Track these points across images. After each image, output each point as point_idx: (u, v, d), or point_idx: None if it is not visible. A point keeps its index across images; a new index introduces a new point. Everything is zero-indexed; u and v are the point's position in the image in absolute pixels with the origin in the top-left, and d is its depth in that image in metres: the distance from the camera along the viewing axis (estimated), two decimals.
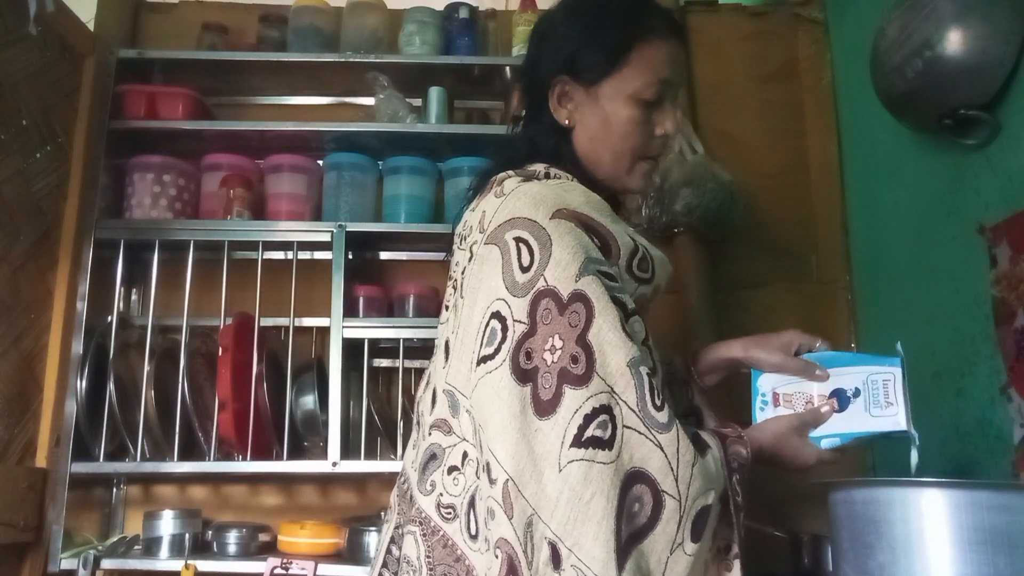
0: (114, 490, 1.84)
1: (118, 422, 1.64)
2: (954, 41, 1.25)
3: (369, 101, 1.93)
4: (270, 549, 1.69)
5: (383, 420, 1.75)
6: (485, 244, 0.97)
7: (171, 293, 1.80)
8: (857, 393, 1.06)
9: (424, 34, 1.91)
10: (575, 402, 0.84)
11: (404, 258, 1.97)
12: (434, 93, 1.91)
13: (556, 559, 0.81)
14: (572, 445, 0.83)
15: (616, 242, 0.97)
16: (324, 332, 1.81)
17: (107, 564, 1.61)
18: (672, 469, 0.84)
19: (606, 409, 0.84)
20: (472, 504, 0.94)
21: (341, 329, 1.71)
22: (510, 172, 1.05)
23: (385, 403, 1.87)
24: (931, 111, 1.36)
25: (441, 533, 0.97)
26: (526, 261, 0.92)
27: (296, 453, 1.75)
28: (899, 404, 1.03)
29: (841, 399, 1.06)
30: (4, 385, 1.52)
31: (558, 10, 1.11)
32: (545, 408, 0.85)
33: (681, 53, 1.10)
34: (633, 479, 0.83)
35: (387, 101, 1.87)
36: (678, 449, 0.85)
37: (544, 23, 1.12)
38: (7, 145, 1.54)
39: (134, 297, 1.91)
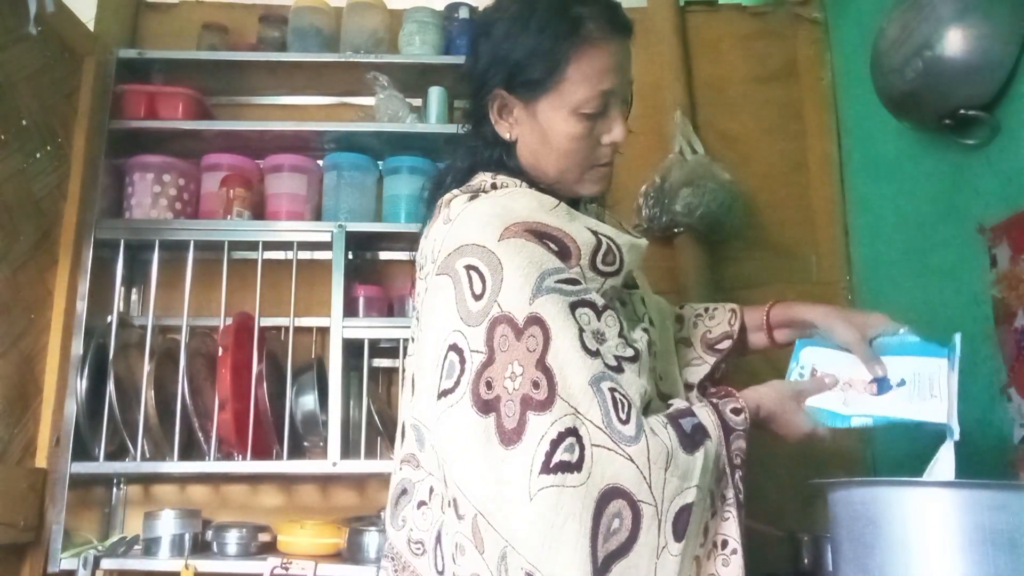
0: (114, 490, 1.84)
1: (118, 422, 1.64)
2: (954, 41, 1.25)
3: (369, 101, 1.93)
4: (270, 549, 1.69)
5: (383, 420, 1.75)
6: (436, 275, 0.95)
7: (171, 293, 1.80)
8: (902, 383, 1.05)
9: (424, 34, 1.91)
10: (540, 428, 0.84)
11: (404, 258, 1.97)
12: (434, 93, 1.91)
13: None
14: (541, 472, 0.82)
15: (575, 243, 0.95)
16: (324, 332, 1.81)
17: (107, 564, 1.61)
18: (645, 478, 0.84)
19: (572, 431, 0.84)
20: (439, 539, 0.93)
21: (341, 329, 1.72)
22: (456, 192, 1.02)
23: (385, 403, 1.87)
24: (931, 111, 1.36)
25: (411, 568, 0.97)
26: (478, 289, 0.90)
27: (296, 453, 1.75)
28: (943, 398, 1.02)
29: (881, 386, 1.06)
30: (4, 385, 1.52)
31: (489, 17, 1.04)
32: (510, 437, 0.84)
33: (626, 50, 1.01)
34: (609, 496, 0.83)
35: (387, 101, 1.87)
36: (649, 457, 0.85)
37: (477, 31, 1.06)
38: (7, 145, 1.54)
39: (134, 297, 1.91)
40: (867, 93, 1.57)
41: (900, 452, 1.61)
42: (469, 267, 0.92)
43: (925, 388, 1.03)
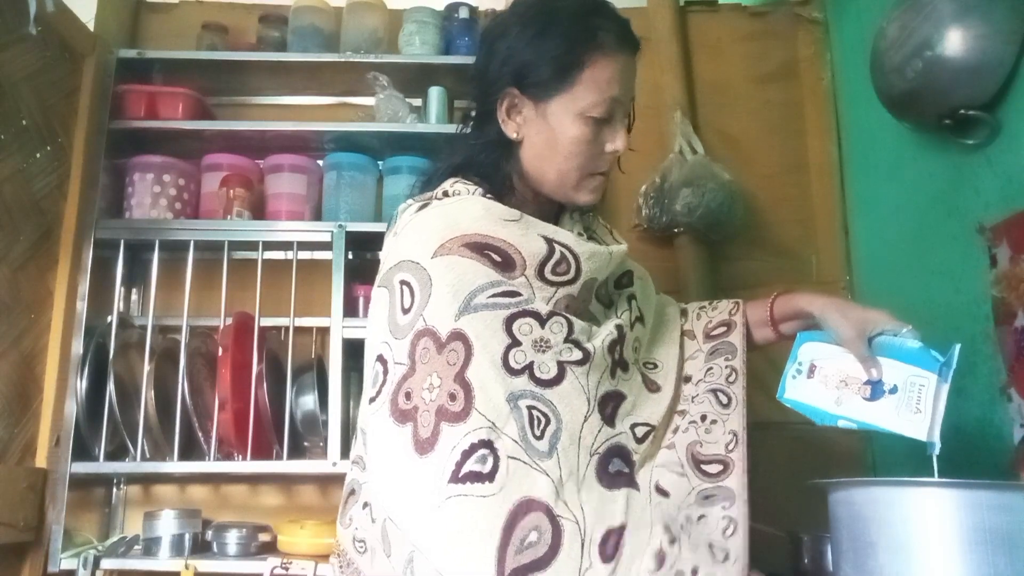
0: (114, 490, 1.84)
1: (118, 422, 1.64)
2: (954, 41, 1.26)
3: (369, 101, 1.93)
4: (270, 549, 1.69)
5: None
6: (378, 287, 0.99)
7: (171, 293, 1.81)
8: (894, 390, 1.05)
9: (424, 34, 1.91)
10: (452, 439, 0.85)
11: None
12: (434, 93, 1.91)
13: None
14: (450, 481, 0.83)
15: (520, 253, 0.95)
16: (324, 332, 1.81)
17: (107, 564, 1.61)
18: (559, 492, 0.85)
19: (486, 443, 0.84)
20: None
21: (341, 329, 1.72)
22: (410, 200, 1.06)
23: None
24: (931, 111, 1.36)
25: (355, 566, 0.99)
26: (407, 303, 0.93)
27: (296, 453, 1.75)
28: (927, 413, 1.02)
29: (875, 390, 1.06)
30: (4, 385, 1.52)
31: (507, 19, 1.06)
32: (424, 447, 0.86)
33: (633, 66, 1.06)
34: (524, 508, 0.83)
35: (387, 101, 1.87)
36: (561, 475, 0.86)
37: (493, 32, 1.07)
38: (7, 145, 1.54)
39: (134, 297, 1.91)
40: (867, 93, 1.57)
41: (900, 452, 1.61)
42: (403, 282, 0.95)
43: (913, 400, 1.04)
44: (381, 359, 0.94)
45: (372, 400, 0.93)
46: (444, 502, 0.83)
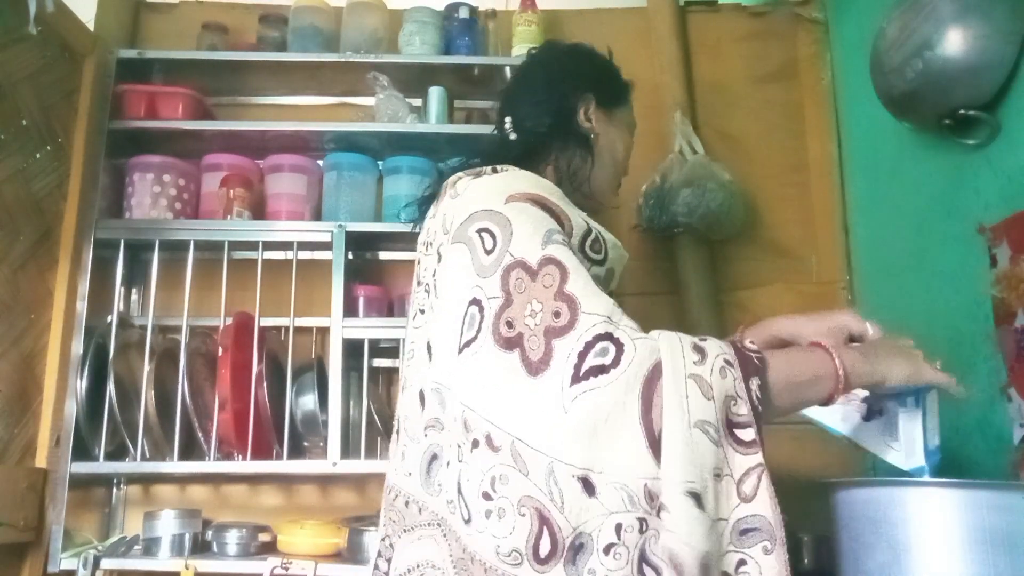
0: (114, 490, 1.84)
1: (118, 422, 1.64)
2: (954, 41, 1.26)
3: (369, 101, 1.93)
4: (270, 549, 1.69)
5: (383, 420, 1.75)
6: (452, 244, 0.99)
7: (171, 293, 1.80)
8: (882, 412, 1.05)
9: (424, 34, 1.91)
10: (566, 348, 0.85)
11: (404, 258, 1.97)
12: (434, 93, 1.91)
13: (589, 488, 0.82)
14: (571, 384, 0.83)
15: (569, 221, 0.99)
16: (324, 332, 1.81)
17: (107, 564, 1.61)
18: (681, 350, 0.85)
19: (604, 336, 0.84)
20: (459, 490, 0.93)
21: (341, 329, 1.72)
22: (460, 174, 1.08)
23: (385, 403, 1.87)
24: (931, 111, 1.36)
25: (455, 531, 0.97)
26: (489, 245, 0.94)
27: (296, 453, 1.75)
28: (902, 443, 1.02)
29: (871, 406, 1.06)
30: (4, 385, 1.52)
31: (573, 47, 1.26)
32: (537, 367, 0.85)
33: None
34: (656, 373, 0.83)
35: (387, 101, 1.87)
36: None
37: (562, 54, 1.26)
38: (7, 145, 1.54)
39: (134, 297, 1.91)
40: (867, 93, 1.57)
41: None
42: (480, 230, 0.96)
43: (893, 428, 1.04)
44: (475, 301, 0.93)
45: (471, 341, 0.92)
46: (571, 404, 0.83)
